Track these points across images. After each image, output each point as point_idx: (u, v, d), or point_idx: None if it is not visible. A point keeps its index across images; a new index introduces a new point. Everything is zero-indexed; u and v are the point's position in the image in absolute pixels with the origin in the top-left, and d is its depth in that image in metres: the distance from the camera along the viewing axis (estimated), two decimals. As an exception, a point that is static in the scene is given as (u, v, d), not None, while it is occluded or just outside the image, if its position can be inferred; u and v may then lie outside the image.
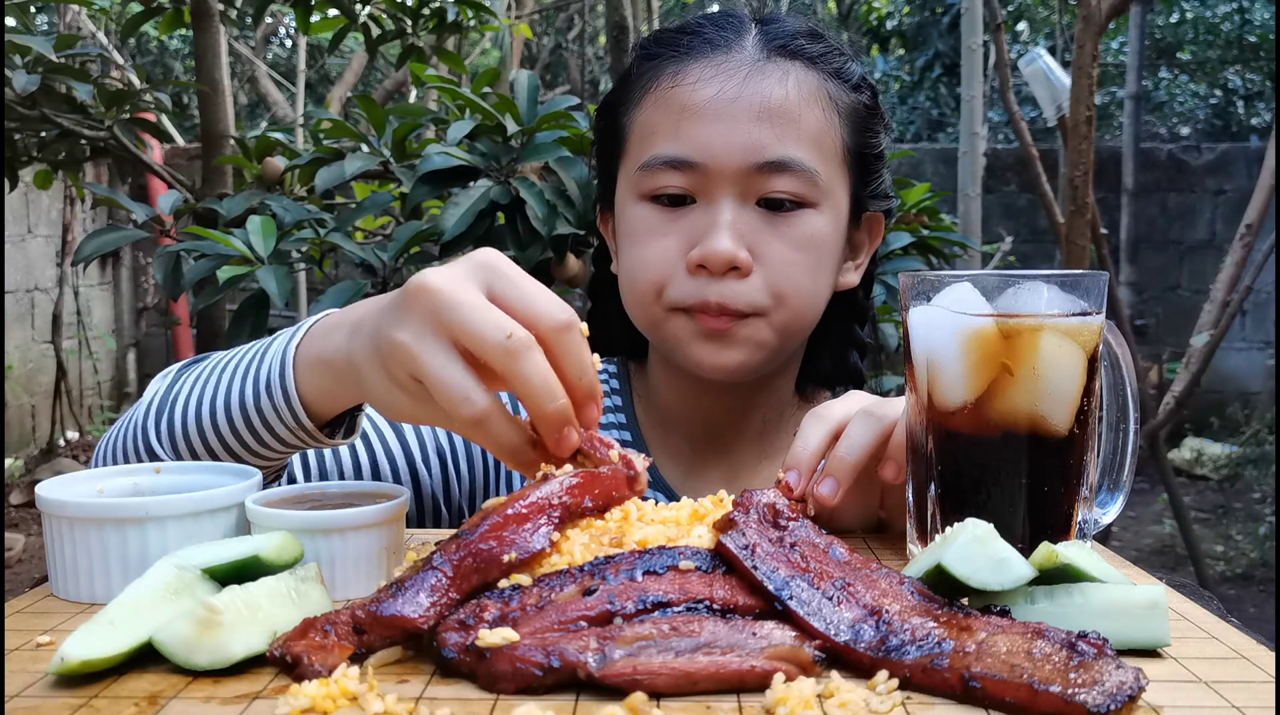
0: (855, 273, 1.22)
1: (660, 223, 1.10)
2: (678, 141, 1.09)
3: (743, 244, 1.07)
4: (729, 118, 1.08)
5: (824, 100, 1.12)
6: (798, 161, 1.08)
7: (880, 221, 1.24)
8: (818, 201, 1.10)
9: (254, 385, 0.93)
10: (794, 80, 1.10)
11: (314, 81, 8.94)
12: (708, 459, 1.23)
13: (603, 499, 0.77)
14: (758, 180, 1.08)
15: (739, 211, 1.08)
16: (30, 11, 2.25)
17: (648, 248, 1.11)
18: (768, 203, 1.09)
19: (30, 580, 4.26)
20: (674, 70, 1.12)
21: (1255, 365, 7.06)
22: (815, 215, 1.11)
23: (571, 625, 0.65)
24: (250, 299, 1.78)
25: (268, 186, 2.22)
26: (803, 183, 1.09)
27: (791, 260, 1.09)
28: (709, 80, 1.09)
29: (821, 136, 1.11)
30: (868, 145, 1.17)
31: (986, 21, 4.00)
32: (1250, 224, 2.54)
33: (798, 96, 1.10)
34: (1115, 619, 0.69)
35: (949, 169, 6.40)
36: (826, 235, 1.12)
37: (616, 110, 1.19)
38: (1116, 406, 0.91)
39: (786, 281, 1.09)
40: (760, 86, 1.08)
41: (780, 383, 1.23)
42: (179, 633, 0.64)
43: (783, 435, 1.25)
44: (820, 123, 1.11)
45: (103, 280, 7.17)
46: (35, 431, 6.29)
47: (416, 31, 2.57)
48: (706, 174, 1.08)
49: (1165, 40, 9.82)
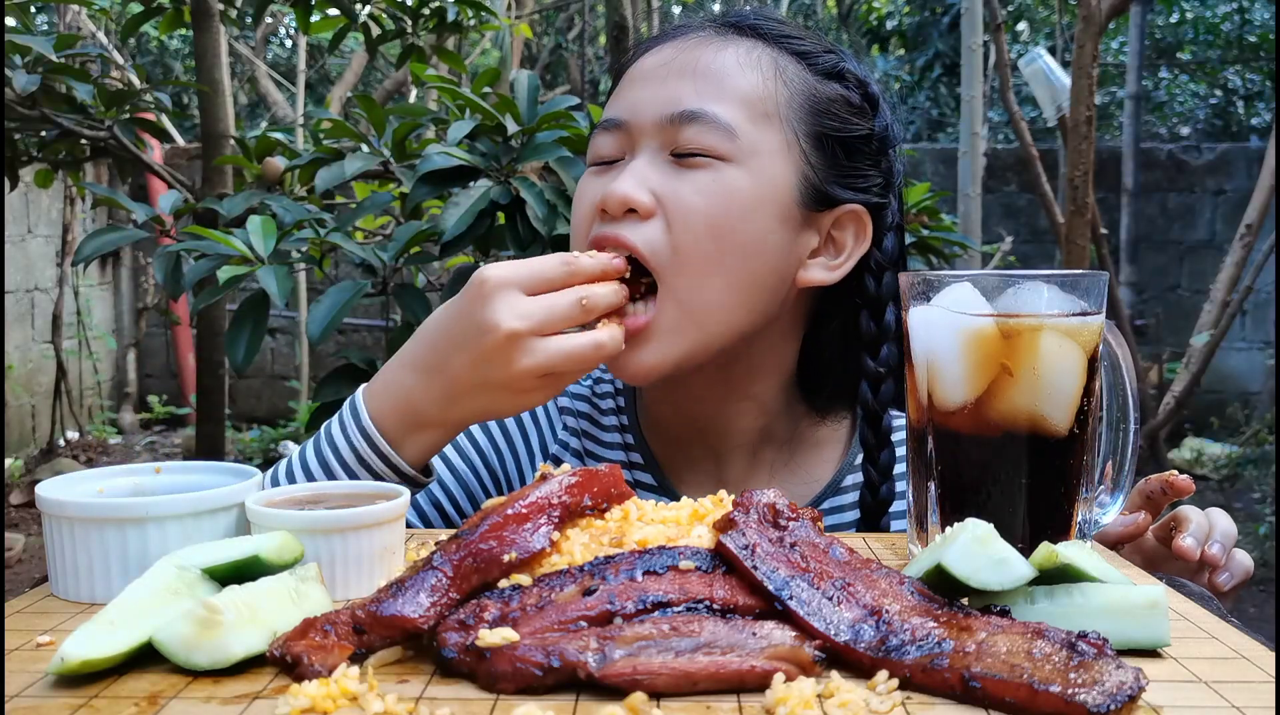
0: (828, 272, 1.12)
1: (590, 180, 1.12)
2: (614, 106, 1.12)
3: (645, 188, 1.05)
4: (658, 79, 1.09)
5: (768, 69, 1.10)
6: (711, 113, 1.06)
7: (863, 220, 1.12)
8: (734, 158, 1.06)
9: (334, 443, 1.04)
10: (735, 48, 1.11)
11: (314, 81, 8.94)
12: (696, 466, 1.19)
13: (602, 497, 0.77)
14: (670, 132, 1.07)
15: (650, 162, 1.08)
16: (30, 11, 2.25)
17: (577, 208, 1.13)
18: (681, 157, 1.07)
19: (30, 580, 4.26)
20: (634, 57, 1.16)
21: (1255, 365, 7.06)
22: (731, 169, 1.06)
23: (571, 625, 0.65)
24: (250, 299, 1.78)
25: (268, 186, 2.22)
26: (716, 136, 1.06)
27: (695, 205, 1.04)
28: (656, 53, 1.12)
29: (754, 100, 1.08)
30: (836, 130, 1.11)
31: (987, 21, 4.00)
32: (1250, 224, 2.54)
33: (734, 61, 1.09)
34: (1115, 619, 0.69)
35: (949, 169, 6.40)
36: (740, 190, 1.05)
37: None
38: (1116, 406, 0.91)
39: (690, 227, 1.03)
40: (697, 52, 1.10)
41: (761, 384, 1.16)
42: (179, 633, 0.64)
43: (780, 445, 1.19)
44: (756, 86, 1.09)
45: (103, 280, 7.18)
46: (35, 431, 6.29)
47: (416, 31, 2.57)
48: (629, 132, 1.10)
49: (1165, 40, 9.82)
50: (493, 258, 2.30)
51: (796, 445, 1.20)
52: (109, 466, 0.98)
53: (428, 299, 1.88)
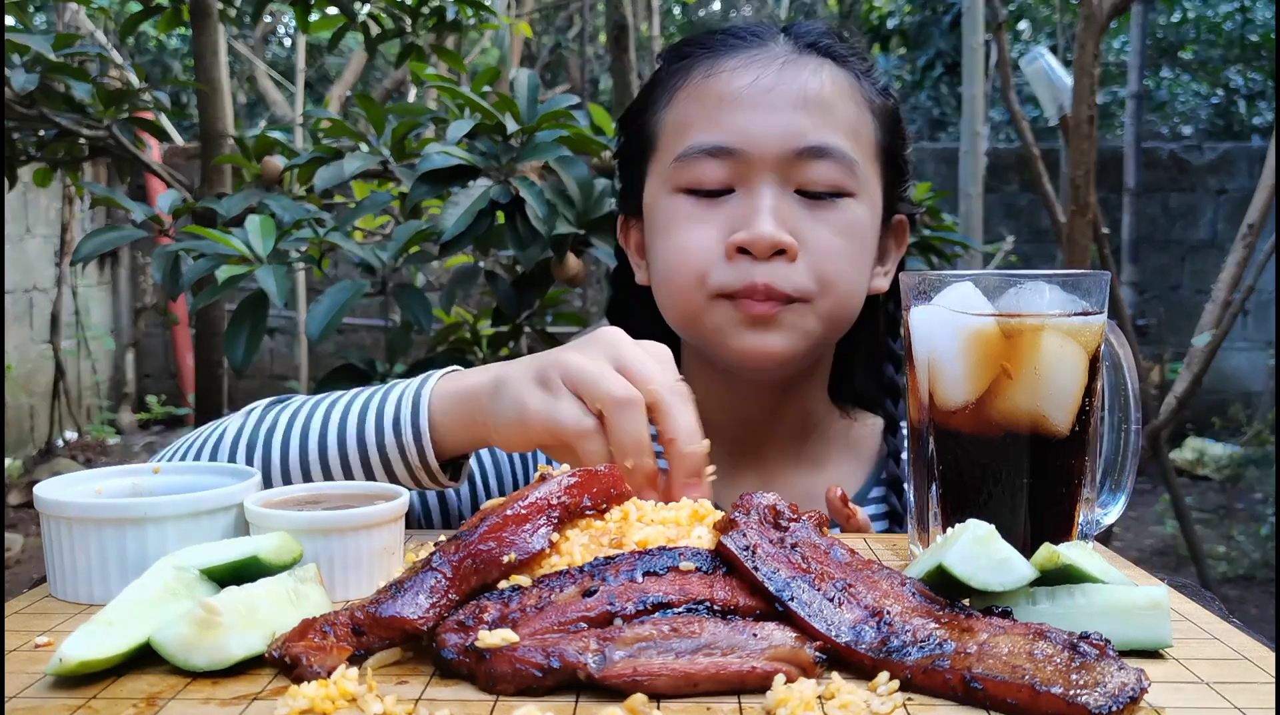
0: (884, 278, 1.20)
1: (698, 211, 1.09)
2: (716, 130, 1.08)
3: (785, 229, 1.06)
4: (767, 105, 1.08)
5: (857, 96, 1.12)
6: (837, 148, 1.08)
7: (906, 228, 1.22)
8: (856, 192, 1.10)
9: (378, 422, 0.98)
10: (828, 73, 1.11)
11: (313, 80, 8.94)
12: (740, 465, 1.20)
13: (601, 498, 0.77)
14: (797, 167, 1.07)
15: (780, 198, 1.07)
16: (29, 10, 2.25)
17: (687, 235, 1.09)
18: (806, 192, 1.08)
19: (29, 581, 4.24)
20: (707, 65, 1.12)
21: (1257, 365, 7.06)
22: (855, 204, 1.10)
23: (571, 626, 0.64)
24: (249, 299, 1.77)
25: (267, 186, 2.21)
26: (842, 171, 1.08)
27: (835, 246, 1.08)
28: (744, 69, 1.09)
29: (857, 129, 1.11)
30: (897, 147, 1.17)
31: (988, 20, 4.00)
32: (1252, 224, 2.54)
33: (833, 88, 1.10)
34: (1117, 620, 0.69)
35: (950, 168, 6.40)
36: (865, 226, 1.11)
37: (643, 115, 1.18)
38: (1118, 407, 0.91)
39: (831, 268, 1.08)
40: (797, 76, 1.09)
41: (810, 387, 1.21)
42: (178, 633, 0.64)
43: (817, 445, 1.22)
44: (855, 116, 1.11)
45: (101, 280, 7.18)
46: (34, 432, 6.29)
47: (416, 30, 2.57)
48: (746, 161, 1.07)
49: (1167, 39, 9.82)
50: (492, 257, 2.30)
51: (833, 448, 1.23)
52: (107, 467, 0.97)
53: (427, 299, 1.88)
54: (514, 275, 2.05)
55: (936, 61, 9.62)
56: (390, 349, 1.99)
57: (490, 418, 0.92)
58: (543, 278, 1.92)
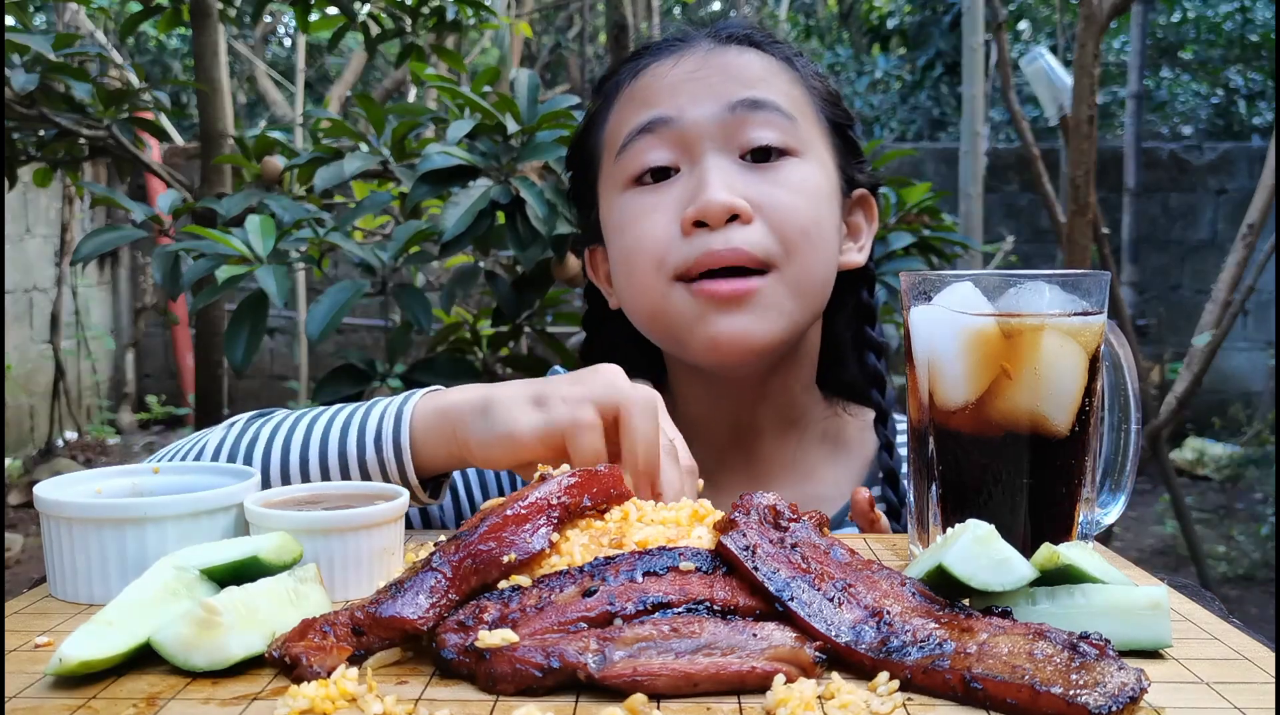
0: (859, 253, 1.19)
1: (649, 199, 1.09)
2: (649, 109, 1.10)
3: (736, 194, 1.05)
4: (695, 80, 1.09)
5: (789, 72, 1.13)
6: (773, 101, 1.08)
7: (872, 203, 1.21)
8: (800, 150, 1.09)
9: (359, 437, 0.98)
10: (752, 56, 1.12)
11: (313, 80, 8.94)
12: (732, 466, 1.20)
13: (601, 498, 0.77)
14: (736, 128, 1.07)
15: (725, 166, 1.07)
16: (29, 10, 2.25)
17: (641, 224, 1.08)
18: (753, 156, 1.08)
19: (29, 581, 4.25)
20: (634, 71, 1.14)
21: (1257, 365, 7.05)
22: (802, 164, 1.09)
23: (571, 626, 0.64)
24: (249, 299, 1.77)
25: (267, 186, 2.21)
26: (783, 127, 1.08)
27: (789, 202, 1.06)
28: (670, 66, 1.11)
29: (791, 95, 1.11)
30: (842, 119, 1.17)
31: (988, 20, 4.00)
32: (1252, 224, 2.54)
33: (761, 66, 1.11)
34: (1117, 620, 0.69)
35: (950, 168, 6.40)
36: (819, 185, 1.10)
37: (585, 140, 1.19)
38: (1118, 407, 0.91)
39: (790, 224, 1.06)
40: (722, 58, 1.10)
41: (794, 381, 1.19)
42: (177, 633, 0.64)
43: (806, 441, 1.21)
44: (787, 87, 1.12)
45: (101, 280, 7.17)
46: (34, 432, 6.29)
47: (416, 30, 2.56)
48: (683, 131, 1.07)
49: (1167, 39, 9.82)
50: (492, 257, 2.30)
51: (825, 446, 1.23)
52: (107, 467, 0.97)
53: (427, 299, 1.88)
54: (514, 275, 2.05)
55: (936, 61, 9.62)
56: (390, 349, 1.99)
57: (474, 435, 0.92)
58: (543, 278, 1.92)
